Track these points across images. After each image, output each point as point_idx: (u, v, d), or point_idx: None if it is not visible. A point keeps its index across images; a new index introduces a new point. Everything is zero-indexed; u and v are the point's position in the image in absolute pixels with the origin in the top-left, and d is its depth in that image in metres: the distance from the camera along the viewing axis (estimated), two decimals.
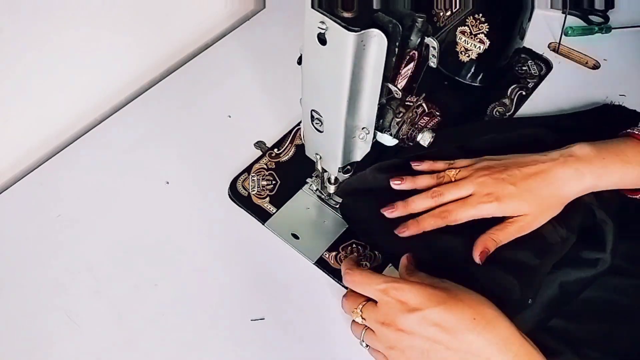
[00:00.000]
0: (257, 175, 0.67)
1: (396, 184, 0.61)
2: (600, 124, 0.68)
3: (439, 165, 0.61)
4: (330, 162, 0.57)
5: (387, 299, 0.49)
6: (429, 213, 0.58)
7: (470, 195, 0.57)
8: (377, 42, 0.42)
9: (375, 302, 0.50)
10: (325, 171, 0.60)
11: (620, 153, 0.57)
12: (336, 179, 0.62)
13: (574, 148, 0.58)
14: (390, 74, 0.47)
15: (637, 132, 0.58)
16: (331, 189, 0.63)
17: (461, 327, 0.47)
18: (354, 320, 0.53)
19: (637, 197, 0.59)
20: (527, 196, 0.56)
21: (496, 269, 0.56)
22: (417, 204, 0.59)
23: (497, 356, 0.46)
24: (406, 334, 0.48)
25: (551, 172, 0.56)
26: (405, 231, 0.58)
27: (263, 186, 0.66)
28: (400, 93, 0.48)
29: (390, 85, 0.47)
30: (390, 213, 0.59)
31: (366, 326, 0.51)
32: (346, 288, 0.54)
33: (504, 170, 0.57)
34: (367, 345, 0.52)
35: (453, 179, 0.59)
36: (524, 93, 0.75)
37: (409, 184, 0.60)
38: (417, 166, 0.62)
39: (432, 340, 0.47)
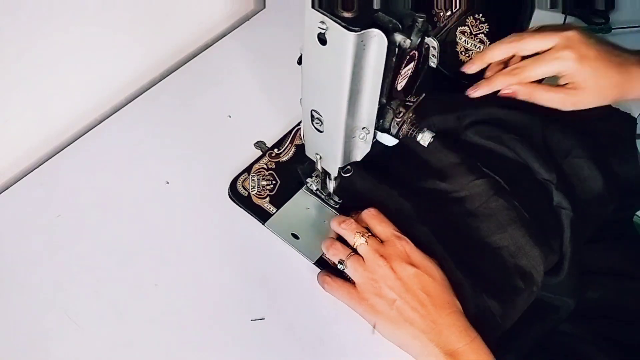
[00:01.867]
0: (257, 175, 0.67)
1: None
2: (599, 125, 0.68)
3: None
4: (330, 162, 0.57)
5: (397, 243, 0.53)
6: (500, 71, 0.55)
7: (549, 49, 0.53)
8: (377, 42, 0.42)
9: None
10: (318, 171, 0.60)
11: None
12: (336, 181, 0.62)
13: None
14: (390, 73, 0.47)
15: None
16: (331, 191, 0.63)
17: (439, 301, 0.51)
18: (332, 241, 0.56)
19: None
20: (603, 74, 0.53)
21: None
22: (495, 52, 0.56)
23: (455, 337, 0.50)
24: (394, 276, 0.51)
25: (633, 67, 0.55)
26: (477, 90, 0.56)
27: (263, 186, 0.66)
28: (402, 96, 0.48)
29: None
30: (474, 92, 0.58)
31: (351, 254, 0.55)
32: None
33: (595, 39, 0.54)
34: (342, 268, 0.55)
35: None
36: None
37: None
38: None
39: (411, 296, 0.50)
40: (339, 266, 0.56)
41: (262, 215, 0.63)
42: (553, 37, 0.54)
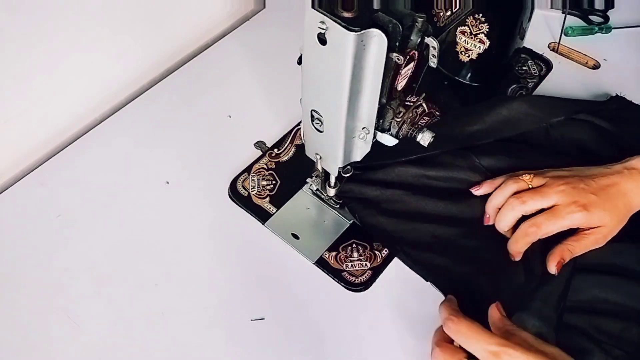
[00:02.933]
0: (257, 175, 0.67)
1: (475, 190, 0.61)
2: (611, 117, 0.68)
3: (498, 180, 0.61)
4: (330, 162, 0.57)
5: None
6: (517, 233, 0.57)
7: (553, 205, 0.56)
8: (377, 42, 0.42)
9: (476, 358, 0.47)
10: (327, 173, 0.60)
11: None
12: (336, 181, 0.62)
13: (634, 161, 0.58)
14: (390, 73, 0.47)
15: None
16: (331, 192, 0.63)
17: None
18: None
19: None
20: (609, 206, 0.55)
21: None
22: (498, 201, 0.59)
23: None
24: None
25: (622, 185, 0.56)
26: (513, 257, 0.58)
27: (263, 186, 0.66)
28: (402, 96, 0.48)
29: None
30: (476, 191, 0.61)
31: None
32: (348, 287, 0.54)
33: (579, 180, 0.57)
34: None
35: (529, 184, 0.58)
36: (524, 93, 0.75)
37: (487, 187, 0.60)
38: (477, 190, 0.62)
39: None
40: None
41: (262, 215, 0.63)
42: (551, 194, 0.56)
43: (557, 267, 0.55)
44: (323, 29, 0.42)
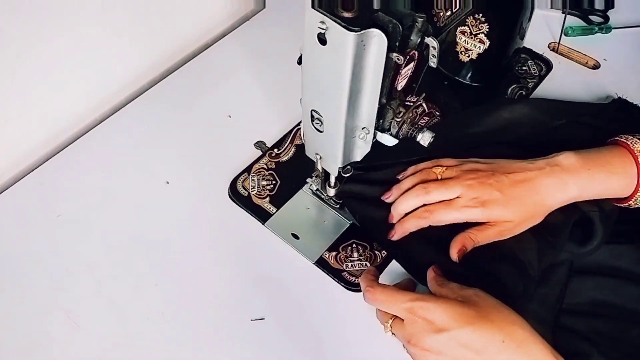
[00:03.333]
0: (257, 175, 0.67)
1: (386, 198, 0.61)
2: (613, 119, 0.68)
3: (423, 164, 0.61)
4: (330, 162, 0.57)
5: (413, 317, 0.48)
6: (411, 214, 0.58)
7: (456, 197, 0.57)
8: (377, 42, 0.42)
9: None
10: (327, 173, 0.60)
11: (606, 163, 0.56)
12: (336, 181, 0.62)
13: (560, 157, 0.57)
14: (390, 73, 0.47)
15: (624, 141, 0.57)
16: (331, 192, 0.63)
17: (490, 348, 0.46)
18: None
19: (623, 204, 0.58)
20: (512, 204, 0.56)
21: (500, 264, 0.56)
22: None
23: None
24: (433, 354, 0.47)
25: (537, 181, 0.56)
26: (394, 235, 0.59)
27: (263, 186, 0.66)
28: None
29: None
30: (387, 199, 0.60)
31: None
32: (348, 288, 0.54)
33: (491, 175, 0.57)
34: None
35: (439, 177, 0.58)
36: (524, 93, 0.75)
37: (396, 192, 0.60)
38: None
39: (459, 358, 0.46)
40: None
41: (262, 215, 0.63)
42: (456, 186, 0.57)
43: (458, 255, 0.55)
44: (323, 29, 0.42)
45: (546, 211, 0.57)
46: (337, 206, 0.64)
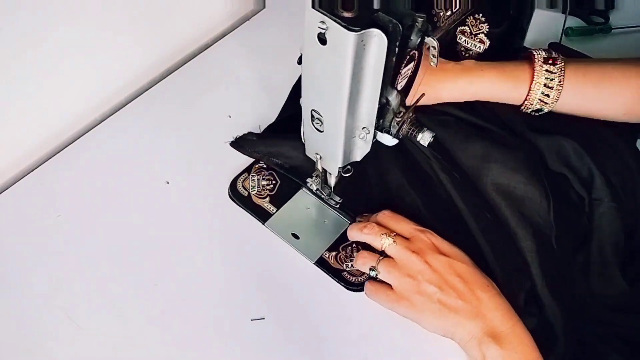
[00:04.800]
0: (257, 175, 0.67)
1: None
2: None
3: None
4: (331, 162, 0.57)
5: (422, 236, 0.55)
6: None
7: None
8: (377, 42, 0.42)
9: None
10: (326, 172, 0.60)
11: (499, 67, 0.63)
12: (336, 181, 0.62)
13: (465, 60, 0.65)
14: (390, 73, 0.46)
15: (533, 51, 0.63)
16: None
17: (478, 285, 0.52)
18: (362, 251, 0.58)
19: (521, 109, 0.63)
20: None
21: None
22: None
23: (499, 320, 0.51)
24: (431, 269, 0.53)
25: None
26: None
27: (263, 186, 0.66)
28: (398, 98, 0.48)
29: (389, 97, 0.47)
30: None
31: (381, 258, 0.56)
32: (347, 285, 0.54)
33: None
34: (375, 275, 0.56)
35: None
36: None
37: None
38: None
39: (449, 285, 0.52)
40: (371, 273, 0.56)
41: (262, 215, 0.63)
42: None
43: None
44: (323, 29, 0.42)
45: (438, 98, 0.63)
46: (337, 206, 0.64)
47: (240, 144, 0.67)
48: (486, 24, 0.68)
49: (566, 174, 0.60)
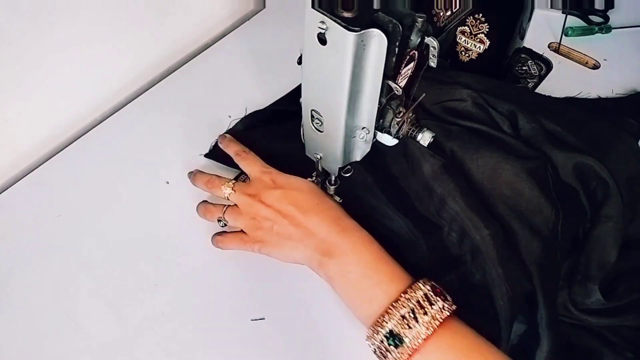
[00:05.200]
0: None
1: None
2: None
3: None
4: (331, 162, 0.57)
5: (263, 176, 0.58)
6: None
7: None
8: (377, 42, 0.42)
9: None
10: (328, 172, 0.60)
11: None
12: (336, 180, 0.62)
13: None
14: (390, 73, 0.47)
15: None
16: (331, 189, 0.63)
17: (311, 209, 0.54)
18: (204, 205, 0.61)
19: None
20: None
21: None
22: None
23: (325, 233, 0.53)
24: (264, 206, 0.56)
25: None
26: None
27: None
28: (400, 90, 0.48)
29: (390, 83, 0.47)
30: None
31: (225, 207, 0.59)
32: None
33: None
34: (224, 225, 0.59)
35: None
36: None
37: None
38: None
39: (283, 214, 0.55)
40: (220, 224, 0.59)
41: None
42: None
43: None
44: (323, 29, 0.42)
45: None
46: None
47: (215, 154, 0.68)
48: (486, 24, 0.68)
49: (575, 187, 0.59)
